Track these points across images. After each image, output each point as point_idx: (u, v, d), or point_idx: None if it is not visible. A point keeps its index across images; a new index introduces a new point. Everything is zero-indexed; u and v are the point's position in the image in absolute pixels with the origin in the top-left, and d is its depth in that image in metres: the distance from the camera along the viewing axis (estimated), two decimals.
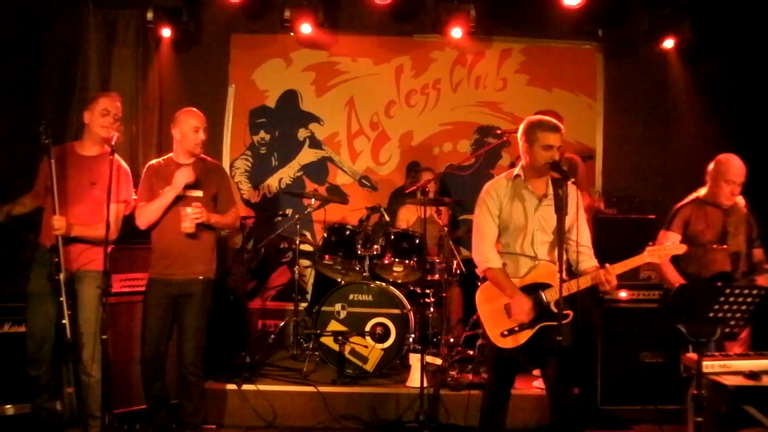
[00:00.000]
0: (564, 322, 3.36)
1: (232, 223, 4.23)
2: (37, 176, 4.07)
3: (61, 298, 3.75)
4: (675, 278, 4.06)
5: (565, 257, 3.44)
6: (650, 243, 3.56)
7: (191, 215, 3.89)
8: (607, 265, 3.44)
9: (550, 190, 3.56)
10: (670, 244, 3.57)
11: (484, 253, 3.59)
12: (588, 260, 3.58)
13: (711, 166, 4.21)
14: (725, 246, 4.04)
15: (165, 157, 4.18)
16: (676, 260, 4.08)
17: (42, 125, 3.76)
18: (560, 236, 3.40)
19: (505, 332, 3.51)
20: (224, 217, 4.12)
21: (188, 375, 4.02)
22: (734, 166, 4.09)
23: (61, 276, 3.75)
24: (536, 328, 3.50)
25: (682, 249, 3.53)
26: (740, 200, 4.18)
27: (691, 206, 4.20)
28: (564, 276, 3.43)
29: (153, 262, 4.06)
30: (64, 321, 3.74)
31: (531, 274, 3.54)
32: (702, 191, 4.24)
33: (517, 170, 3.65)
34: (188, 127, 4.04)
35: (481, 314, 3.60)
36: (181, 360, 4.02)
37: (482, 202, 3.66)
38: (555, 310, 3.40)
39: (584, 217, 3.61)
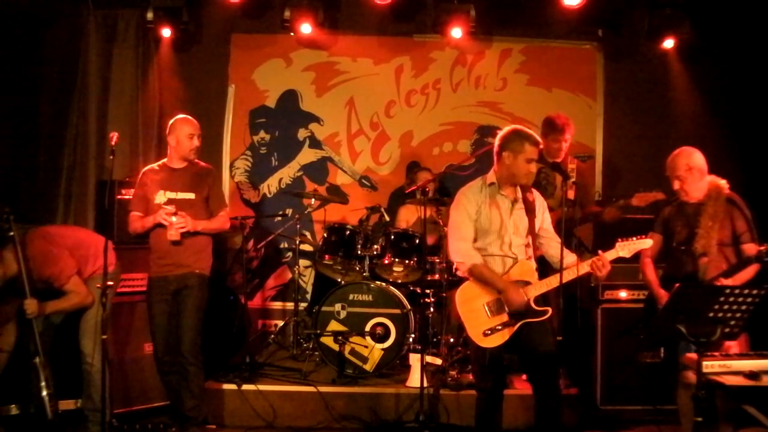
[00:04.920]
0: (542, 318, 3.54)
1: (220, 227, 4.32)
2: None
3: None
4: (651, 278, 4.05)
5: (539, 254, 3.73)
6: (618, 239, 3.66)
7: (176, 225, 4.05)
8: (600, 252, 3.60)
9: (520, 195, 3.74)
10: (636, 238, 3.66)
11: (465, 252, 3.66)
12: (569, 255, 3.65)
13: None
14: (691, 247, 3.86)
15: (159, 162, 4.36)
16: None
17: (4, 215, 3.67)
18: (533, 236, 3.68)
19: (488, 331, 3.57)
20: (211, 223, 4.25)
21: (187, 365, 4.11)
22: (668, 161, 3.97)
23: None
24: (518, 325, 3.57)
25: (647, 243, 3.68)
26: (723, 195, 3.87)
27: (672, 206, 4.08)
28: (537, 274, 3.66)
29: (151, 263, 4.23)
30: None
31: (510, 273, 3.64)
32: None
33: (491, 178, 3.75)
34: (183, 134, 4.22)
35: (462, 315, 3.64)
36: (179, 350, 4.12)
37: (460, 205, 3.74)
38: (536, 307, 3.55)
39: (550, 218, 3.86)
